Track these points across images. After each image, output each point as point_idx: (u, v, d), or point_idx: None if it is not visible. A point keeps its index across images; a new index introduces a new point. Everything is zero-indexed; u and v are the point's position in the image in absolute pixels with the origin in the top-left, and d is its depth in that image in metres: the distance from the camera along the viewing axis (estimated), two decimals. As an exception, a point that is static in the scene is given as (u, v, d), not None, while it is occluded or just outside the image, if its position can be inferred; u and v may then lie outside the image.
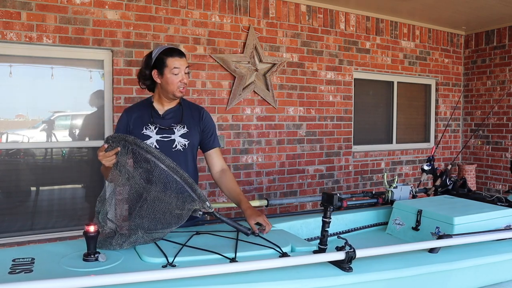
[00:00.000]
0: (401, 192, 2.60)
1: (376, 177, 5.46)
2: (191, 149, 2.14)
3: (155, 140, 2.07)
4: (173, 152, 2.07)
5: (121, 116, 2.16)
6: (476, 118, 6.14)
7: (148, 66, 2.07)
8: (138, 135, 2.03)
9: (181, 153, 2.10)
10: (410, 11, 5.20)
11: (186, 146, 2.11)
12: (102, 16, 3.70)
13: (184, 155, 2.11)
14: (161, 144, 2.07)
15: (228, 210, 4.35)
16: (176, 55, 2.04)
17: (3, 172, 3.60)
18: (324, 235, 1.76)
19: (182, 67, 2.05)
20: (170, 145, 2.08)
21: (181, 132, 2.11)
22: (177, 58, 2.04)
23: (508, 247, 1.99)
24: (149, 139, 2.06)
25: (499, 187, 5.85)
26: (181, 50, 2.13)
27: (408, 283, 1.69)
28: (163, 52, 2.05)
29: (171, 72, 2.02)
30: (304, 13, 4.78)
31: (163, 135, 2.08)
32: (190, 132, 2.13)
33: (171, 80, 2.03)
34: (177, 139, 2.10)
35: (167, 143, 2.08)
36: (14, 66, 3.53)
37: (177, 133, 2.10)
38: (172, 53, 2.04)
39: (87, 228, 1.53)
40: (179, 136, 2.10)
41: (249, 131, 4.48)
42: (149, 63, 2.07)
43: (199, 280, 1.40)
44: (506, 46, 5.74)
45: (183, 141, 2.10)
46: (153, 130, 2.08)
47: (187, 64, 2.08)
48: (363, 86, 5.40)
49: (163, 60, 2.03)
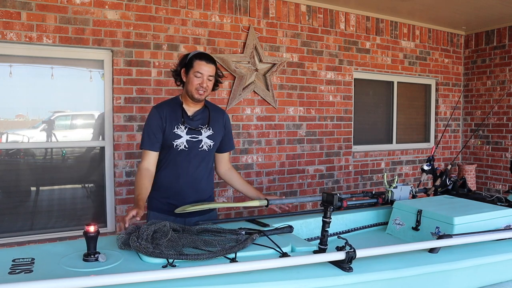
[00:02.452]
0: (401, 192, 2.60)
1: (376, 177, 5.46)
2: (214, 150, 2.34)
3: (185, 140, 2.22)
4: (199, 151, 2.25)
5: (151, 113, 2.26)
6: (476, 118, 6.14)
7: (181, 64, 2.24)
8: (169, 133, 2.20)
9: (206, 153, 2.28)
10: (410, 11, 5.20)
11: (211, 147, 2.29)
12: (102, 16, 3.70)
13: (209, 155, 2.30)
14: (190, 144, 2.23)
15: (228, 210, 4.35)
16: (204, 60, 2.18)
17: (3, 172, 3.60)
18: (324, 235, 1.76)
19: (206, 73, 2.17)
20: (198, 145, 2.25)
21: (208, 134, 2.27)
22: (204, 62, 2.17)
23: (508, 247, 1.99)
24: (180, 138, 2.21)
25: (499, 187, 5.85)
26: (212, 57, 2.24)
27: (408, 283, 1.69)
28: (196, 55, 2.20)
29: (194, 74, 2.17)
30: (304, 13, 4.78)
31: (192, 135, 2.23)
32: (215, 134, 2.30)
33: (192, 80, 2.18)
34: (204, 140, 2.26)
35: (195, 143, 2.24)
36: (14, 66, 3.53)
37: (204, 134, 2.26)
38: (202, 57, 2.19)
39: (87, 228, 1.53)
40: (206, 137, 2.27)
41: (249, 131, 4.48)
42: (182, 62, 2.24)
43: (199, 280, 1.40)
44: (506, 46, 5.74)
45: (209, 142, 2.28)
46: (184, 130, 2.22)
47: (212, 72, 2.20)
48: (363, 86, 5.40)
49: (192, 62, 2.18)
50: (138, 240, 1.63)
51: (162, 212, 2.24)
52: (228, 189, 4.36)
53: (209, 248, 1.64)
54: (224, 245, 1.64)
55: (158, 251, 1.56)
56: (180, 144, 2.21)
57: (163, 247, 1.60)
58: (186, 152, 2.22)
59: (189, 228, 1.86)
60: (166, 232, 1.69)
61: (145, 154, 2.23)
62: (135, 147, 3.89)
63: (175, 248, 1.61)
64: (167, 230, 1.70)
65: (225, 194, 4.36)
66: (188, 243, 1.67)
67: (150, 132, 2.22)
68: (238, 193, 4.42)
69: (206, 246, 1.65)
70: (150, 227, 1.71)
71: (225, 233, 1.83)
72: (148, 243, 1.61)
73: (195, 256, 1.55)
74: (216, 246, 1.63)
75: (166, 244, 1.62)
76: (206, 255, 1.56)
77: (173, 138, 2.20)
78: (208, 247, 1.64)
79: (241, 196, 4.43)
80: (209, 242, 1.66)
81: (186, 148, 2.22)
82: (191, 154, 2.23)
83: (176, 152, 2.22)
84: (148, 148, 2.22)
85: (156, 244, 1.62)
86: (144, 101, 3.88)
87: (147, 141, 2.22)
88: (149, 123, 2.24)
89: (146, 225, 1.74)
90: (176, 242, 1.65)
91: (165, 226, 1.73)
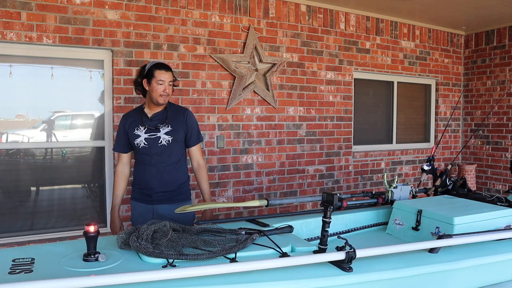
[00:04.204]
0: (401, 192, 2.60)
1: (376, 177, 5.46)
2: (175, 144, 2.56)
3: (143, 138, 2.53)
4: (159, 146, 2.53)
5: (120, 120, 2.66)
6: (476, 118, 6.14)
7: (141, 75, 2.53)
8: (131, 135, 2.56)
9: (165, 147, 2.54)
10: (410, 11, 5.20)
11: (170, 142, 2.54)
12: (102, 16, 3.70)
13: (169, 149, 2.55)
14: (148, 140, 2.53)
15: (228, 210, 4.35)
16: (163, 69, 2.49)
17: (3, 172, 3.60)
18: (324, 235, 1.76)
19: (167, 80, 2.49)
20: (156, 141, 2.53)
21: (166, 130, 2.54)
22: (163, 71, 2.48)
23: (508, 247, 1.99)
24: (138, 137, 2.54)
25: (499, 187, 5.85)
26: (168, 65, 2.55)
27: (408, 283, 1.69)
28: (154, 66, 2.50)
29: (157, 82, 2.47)
30: (304, 13, 4.78)
31: (150, 134, 2.54)
32: (174, 130, 2.55)
33: (156, 88, 2.48)
34: (162, 136, 2.53)
35: (154, 140, 2.53)
36: (14, 66, 3.53)
37: (162, 131, 2.54)
38: (160, 67, 2.49)
39: (87, 228, 1.53)
40: (164, 134, 2.53)
41: (249, 131, 4.48)
42: (142, 73, 2.53)
43: (199, 280, 1.40)
44: (506, 46, 5.74)
45: (167, 138, 2.54)
46: (143, 130, 2.55)
47: (171, 78, 2.52)
48: (363, 86, 5.40)
49: (152, 72, 2.49)
50: (138, 240, 1.63)
51: (140, 201, 2.62)
52: (228, 189, 4.36)
53: (209, 248, 1.64)
54: (224, 245, 1.64)
55: (158, 251, 1.56)
56: (140, 142, 2.54)
57: (163, 247, 1.60)
58: (147, 149, 2.53)
59: (189, 228, 1.86)
60: (166, 232, 1.69)
61: (118, 156, 2.70)
62: (135, 147, 3.89)
63: (175, 248, 1.61)
64: (167, 230, 1.70)
65: (225, 194, 4.36)
66: (188, 243, 1.67)
67: (118, 137, 2.66)
68: (238, 193, 4.42)
69: (206, 246, 1.65)
70: (150, 227, 1.71)
71: (225, 233, 1.83)
72: (148, 243, 1.61)
73: (195, 256, 1.55)
74: (216, 246, 1.63)
75: (166, 244, 1.62)
76: (206, 255, 1.56)
77: (134, 138, 2.55)
78: (208, 247, 1.64)
79: (241, 196, 4.43)
80: (209, 242, 1.66)
81: (146, 145, 2.53)
82: (152, 150, 2.53)
83: (140, 150, 2.55)
84: (117, 150, 2.67)
85: (156, 244, 1.62)
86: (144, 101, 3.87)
87: (117, 145, 2.67)
88: (118, 129, 2.67)
89: (146, 225, 1.74)
90: (176, 242, 1.65)
91: (165, 226, 1.73)
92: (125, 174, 2.68)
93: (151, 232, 1.68)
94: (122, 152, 2.66)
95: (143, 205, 2.59)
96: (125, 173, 2.68)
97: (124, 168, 2.67)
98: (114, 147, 2.71)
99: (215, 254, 1.57)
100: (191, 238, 1.70)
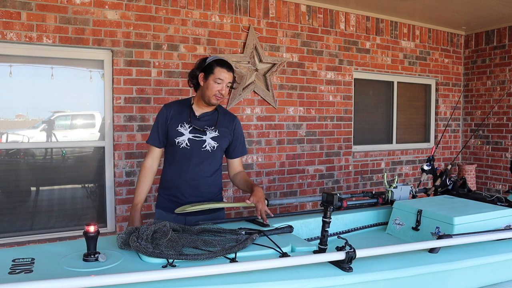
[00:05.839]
0: (401, 192, 2.60)
1: (376, 177, 5.46)
2: (219, 152, 2.31)
3: (187, 138, 2.25)
4: (202, 151, 2.26)
5: (161, 110, 2.32)
6: (476, 118, 6.14)
7: (199, 68, 2.25)
8: (173, 131, 2.25)
9: (209, 154, 2.27)
10: (410, 11, 5.20)
11: (215, 148, 2.28)
12: (102, 16, 3.70)
13: (211, 156, 2.29)
14: (192, 142, 2.25)
15: (228, 210, 4.35)
16: (225, 68, 2.21)
17: (3, 172, 3.60)
18: (324, 235, 1.76)
19: (226, 80, 2.21)
20: (200, 145, 2.26)
21: (213, 135, 2.28)
22: (225, 70, 2.20)
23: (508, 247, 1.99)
24: (182, 136, 2.24)
25: (499, 187, 5.85)
26: (231, 65, 2.28)
27: (408, 283, 1.69)
28: (216, 61, 2.22)
29: (215, 80, 2.19)
30: (304, 13, 4.78)
31: (195, 135, 2.25)
32: (220, 137, 2.29)
33: (211, 86, 2.20)
34: (207, 141, 2.27)
35: (198, 142, 2.25)
36: (14, 66, 3.53)
37: (208, 135, 2.27)
38: (223, 65, 2.21)
39: (87, 228, 1.53)
40: (210, 138, 2.27)
41: (249, 131, 4.48)
42: (200, 65, 2.25)
43: (199, 280, 1.40)
44: (506, 46, 5.74)
45: (213, 143, 2.27)
46: (187, 128, 2.25)
47: (231, 80, 2.24)
48: (363, 86, 5.40)
49: (212, 67, 2.20)
50: (138, 240, 1.63)
51: (167, 210, 2.31)
52: (228, 189, 4.36)
53: (209, 248, 1.63)
54: (224, 245, 1.64)
55: (158, 251, 1.56)
56: (181, 142, 2.24)
57: (163, 247, 1.60)
58: (188, 151, 2.25)
59: (189, 228, 1.86)
60: (166, 232, 1.69)
61: (149, 149, 2.34)
62: (135, 147, 3.89)
63: (175, 248, 1.61)
64: (167, 230, 1.70)
65: (225, 194, 4.36)
66: (188, 243, 1.67)
67: (155, 128, 2.31)
68: (239, 193, 4.42)
69: (206, 246, 1.65)
70: (150, 227, 1.71)
71: (225, 233, 1.83)
72: (148, 243, 1.61)
73: (195, 256, 1.55)
74: (216, 246, 1.63)
75: (166, 244, 1.62)
76: (206, 255, 1.56)
77: (176, 135, 2.25)
78: (208, 247, 1.64)
79: (241, 196, 4.43)
80: (209, 242, 1.66)
81: (188, 147, 2.25)
82: (193, 153, 2.26)
83: (179, 150, 2.26)
84: (151, 143, 2.32)
85: (156, 244, 1.62)
86: (144, 101, 3.88)
87: (151, 137, 2.32)
88: (156, 119, 2.32)
89: (146, 225, 1.74)
90: (176, 242, 1.65)
91: (165, 226, 1.73)
92: (153, 170, 2.33)
93: (151, 232, 1.68)
94: (157, 146, 2.31)
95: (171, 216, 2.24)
96: (153, 169, 2.33)
97: (153, 163, 2.32)
98: (149, 139, 2.33)
99: (215, 254, 1.57)
100: (191, 238, 1.70)
